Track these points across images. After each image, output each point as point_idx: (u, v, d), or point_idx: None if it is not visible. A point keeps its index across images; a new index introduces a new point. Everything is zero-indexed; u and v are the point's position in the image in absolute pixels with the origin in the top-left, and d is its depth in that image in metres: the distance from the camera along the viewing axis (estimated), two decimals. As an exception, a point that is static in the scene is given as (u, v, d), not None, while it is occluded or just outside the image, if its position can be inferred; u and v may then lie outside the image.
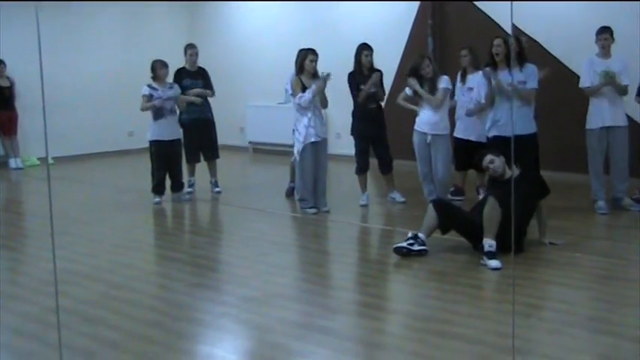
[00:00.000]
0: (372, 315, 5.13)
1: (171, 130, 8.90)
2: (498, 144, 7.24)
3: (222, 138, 10.37)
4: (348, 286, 5.87)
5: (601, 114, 7.60)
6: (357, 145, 8.63)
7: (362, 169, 8.63)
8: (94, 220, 8.27)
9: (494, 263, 5.85)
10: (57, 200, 6.77)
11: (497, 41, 7.49)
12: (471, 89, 8.25)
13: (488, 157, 6.55)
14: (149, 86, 8.81)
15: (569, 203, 8.01)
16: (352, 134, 8.67)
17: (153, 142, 8.88)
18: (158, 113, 8.79)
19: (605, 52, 7.62)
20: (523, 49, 7.61)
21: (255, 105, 13.46)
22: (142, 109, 8.84)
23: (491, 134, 7.63)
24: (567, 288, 5.50)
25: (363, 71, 8.37)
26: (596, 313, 4.96)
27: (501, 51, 7.45)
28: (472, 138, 8.40)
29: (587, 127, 7.72)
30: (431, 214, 6.35)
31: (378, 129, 8.51)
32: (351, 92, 8.48)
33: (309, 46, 8.21)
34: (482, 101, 7.74)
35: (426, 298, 5.53)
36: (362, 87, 8.31)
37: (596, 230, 7.42)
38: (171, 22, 14.45)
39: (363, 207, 8.49)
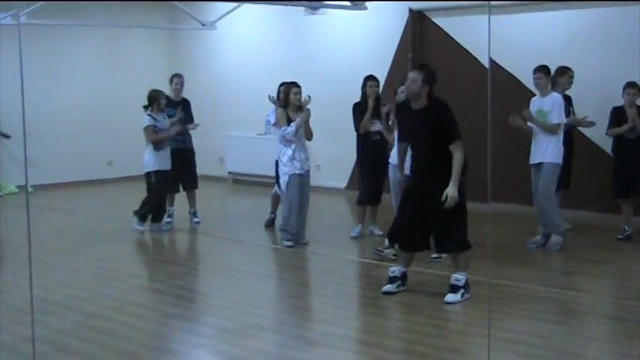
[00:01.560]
0: (348, 347, 5.14)
1: (168, 159, 8.91)
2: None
3: (202, 168, 10.38)
4: (324, 318, 5.86)
5: (531, 151, 7.75)
6: (368, 177, 8.50)
7: (367, 201, 8.57)
8: (72, 249, 8.23)
9: (449, 297, 5.91)
10: (35, 228, 6.72)
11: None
12: None
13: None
14: (150, 116, 8.78)
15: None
16: (361, 165, 8.61)
17: (154, 172, 8.80)
18: (160, 144, 8.77)
19: (539, 90, 7.74)
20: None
21: (234, 135, 13.47)
22: (155, 140, 8.71)
23: None
24: (542, 322, 5.54)
25: (368, 102, 8.34)
26: (571, 348, 4.99)
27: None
28: None
29: None
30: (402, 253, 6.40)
31: (385, 158, 8.41)
32: (354, 122, 8.38)
33: (289, 79, 8.28)
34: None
35: (402, 331, 5.55)
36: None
37: (569, 264, 7.44)
38: (152, 51, 14.46)
39: (354, 239, 8.45)
